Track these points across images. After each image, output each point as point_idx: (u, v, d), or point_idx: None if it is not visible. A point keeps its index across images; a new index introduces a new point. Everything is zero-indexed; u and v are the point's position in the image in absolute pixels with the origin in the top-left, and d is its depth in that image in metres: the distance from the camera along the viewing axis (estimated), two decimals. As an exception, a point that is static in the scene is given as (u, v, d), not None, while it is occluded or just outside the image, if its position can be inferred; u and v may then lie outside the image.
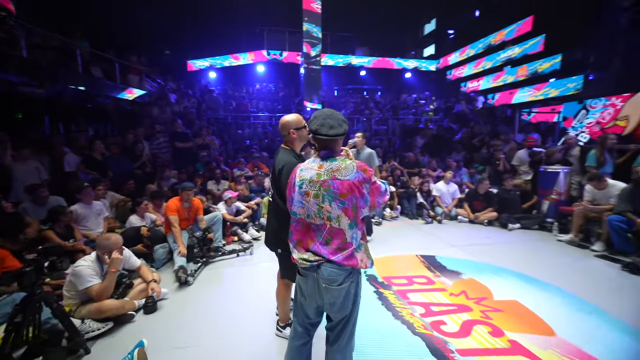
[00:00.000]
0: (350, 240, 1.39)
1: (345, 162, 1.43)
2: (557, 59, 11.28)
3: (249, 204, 4.95)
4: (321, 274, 1.40)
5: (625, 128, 5.90)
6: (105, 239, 2.56)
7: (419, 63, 18.62)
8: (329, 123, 1.44)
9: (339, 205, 1.37)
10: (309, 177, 1.46)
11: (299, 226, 1.50)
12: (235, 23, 14.80)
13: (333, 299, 1.41)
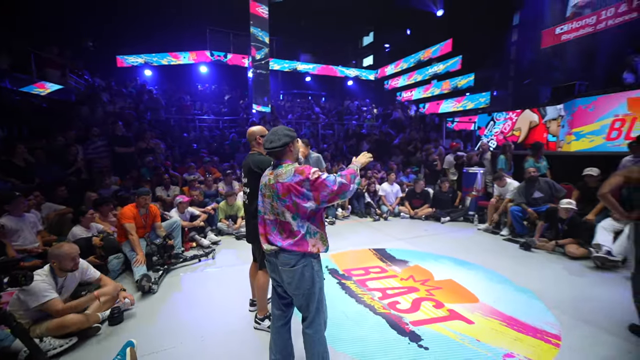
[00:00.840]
0: (297, 228, 1.64)
1: (288, 167, 1.67)
2: (471, 77, 13.30)
3: (205, 209, 4.88)
4: (279, 259, 1.70)
5: (519, 137, 7.40)
6: (58, 248, 2.40)
7: (360, 72, 19.95)
8: (270, 138, 1.69)
9: (282, 203, 1.64)
10: (265, 182, 1.75)
11: (262, 222, 1.78)
12: (175, 19, 13.92)
13: (289, 279, 1.69)
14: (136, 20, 13.51)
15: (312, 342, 1.74)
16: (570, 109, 6.39)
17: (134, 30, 13.67)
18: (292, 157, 1.74)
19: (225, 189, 5.79)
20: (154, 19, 13.46)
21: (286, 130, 1.72)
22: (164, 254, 3.56)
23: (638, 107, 5.12)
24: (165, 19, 13.76)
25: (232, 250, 4.40)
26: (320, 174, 1.63)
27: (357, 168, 1.74)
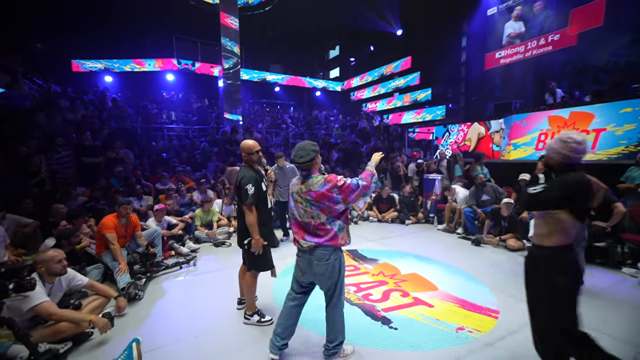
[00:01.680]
0: (330, 227, 2.00)
1: (317, 178, 2.00)
2: (429, 91, 14.54)
3: (183, 218, 4.95)
4: (314, 255, 2.03)
5: (470, 147, 8.37)
6: (44, 253, 2.46)
7: (327, 83, 20.72)
8: (300, 154, 2.02)
9: (317, 207, 1.99)
10: (295, 190, 2.09)
11: (295, 223, 2.12)
12: (141, 26, 13.55)
13: (323, 271, 2.03)
14: (95, 23, 12.96)
15: (335, 319, 2.14)
16: (508, 123, 7.43)
17: (93, 33, 13.09)
18: (317, 168, 2.09)
19: (199, 198, 5.87)
20: (118, 23, 13.01)
21: (312, 146, 2.04)
22: (147, 262, 3.62)
23: (556, 124, 6.18)
24: (128, 24, 13.35)
25: (211, 256, 4.53)
26: (345, 180, 1.97)
27: (372, 168, 2.10)
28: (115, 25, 13.27)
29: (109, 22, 13.28)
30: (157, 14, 13.73)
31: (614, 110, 5.42)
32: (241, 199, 2.50)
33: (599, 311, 2.86)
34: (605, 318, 2.73)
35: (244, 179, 2.46)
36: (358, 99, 19.44)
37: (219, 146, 8.56)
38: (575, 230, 1.71)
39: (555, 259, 1.73)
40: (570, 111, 6.17)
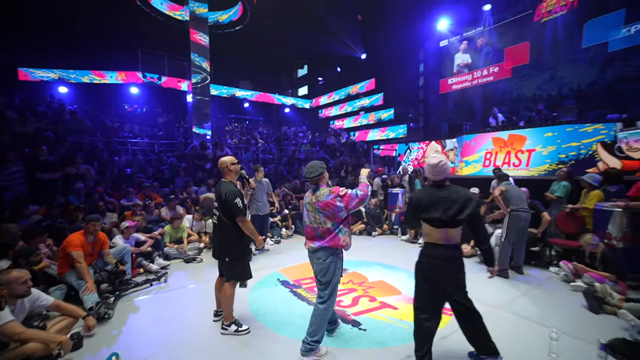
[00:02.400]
0: (333, 230, 2.35)
1: (324, 190, 2.40)
2: (392, 111, 15.59)
3: (152, 235, 4.85)
4: (315, 255, 2.43)
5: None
6: (6, 274, 2.37)
7: (296, 101, 21.28)
8: (310, 171, 2.44)
9: (324, 215, 2.36)
10: (308, 201, 2.50)
11: (308, 229, 2.51)
12: (102, 37, 13.08)
13: (319, 269, 2.43)
14: (48, 30, 12.27)
15: (319, 316, 2.41)
16: (460, 142, 8.30)
17: (45, 41, 12.35)
18: (325, 182, 2.48)
19: (168, 214, 5.77)
20: (77, 32, 12.45)
21: (319, 164, 2.47)
22: (115, 280, 3.54)
23: (498, 144, 7.09)
24: (89, 34, 12.84)
25: (182, 272, 4.49)
26: (347, 190, 2.37)
27: (366, 180, 2.50)
28: (74, 34, 12.69)
29: (66, 30, 12.66)
30: (122, 26, 13.39)
31: (540, 134, 6.39)
32: (230, 213, 2.65)
33: (535, 302, 3.37)
34: (539, 307, 3.23)
35: (230, 194, 2.63)
36: (326, 116, 20.17)
37: (187, 161, 8.45)
38: None
39: None
40: (508, 133, 7.12)
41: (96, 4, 12.25)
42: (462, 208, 2.07)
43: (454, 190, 2.15)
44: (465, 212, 2.07)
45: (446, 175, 2.18)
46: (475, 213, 2.11)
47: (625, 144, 5.48)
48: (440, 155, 2.23)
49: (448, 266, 2.15)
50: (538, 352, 2.47)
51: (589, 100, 8.62)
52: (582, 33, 8.69)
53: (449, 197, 2.11)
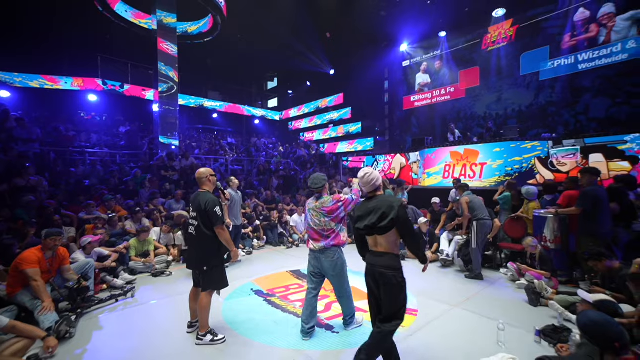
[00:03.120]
0: (336, 229, 2.86)
1: (327, 197, 2.90)
2: (359, 125, 16.29)
3: (116, 249, 4.64)
4: (324, 254, 2.88)
5: (394, 175, 9.69)
6: None
7: (266, 112, 21.37)
8: (315, 182, 2.91)
9: (329, 218, 2.85)
10: (312, 207, 2.94)
11: (311, 231, 2.94)
12: (55, 39, 12.30)
13: (330, 266, 2.89)
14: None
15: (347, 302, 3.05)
16: (423, 156, 8.95)
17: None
18: (326, 191, 2.96)
19: (134, 227, 5.55)
20: (24, 33, 11.57)
21: (322, 177, 2.95)
22: (77, 297, 3.36)
23: (455, 158, 7.79)
24: (40, 36, 12.01)
25: (150, 286, 4.33)
26: (345, 196, 2.91)
27: (357, 187, 2.87)
28: (19, 32, 11.77)
29: (7, 27, 11.70)
30: (79, 30, 12.72)
31: (490, 149, 7.16)
32: (210, 222, 2.73)
33: (487, 300, 3.78)
34: (489, 304, 3.63)
35: (210, 203, 2.70)
36: (296, 128, 20.47)
37: (153, 172, 8.14)
38: None
39: None
40: (464, 148, 7.85)
41: (49, 3, 11.54)
42: (385, 215, 2.12)
43: (381, 199, 2.23)
44: (388, 218, 2.10)
45: (374, 187, 2.28)
46: (400, 219, 2.10)
47: (555, 159, 6.35)
48: (367, 169, 2.34)
49: (378, 273, 2.17)
50: (488, 342, 2.81)
51: (528, 120, 9.86)
52: (519, 62, 10.01)
53: (376, 206, 2.19)
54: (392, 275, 2.12)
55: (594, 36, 8.62)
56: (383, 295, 2.16)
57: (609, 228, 3.77)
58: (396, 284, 2.13)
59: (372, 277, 2.25)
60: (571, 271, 4.34)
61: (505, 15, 10.54)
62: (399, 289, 2.14)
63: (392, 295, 2.14)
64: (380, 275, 2.16)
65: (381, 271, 2.16)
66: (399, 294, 2.15)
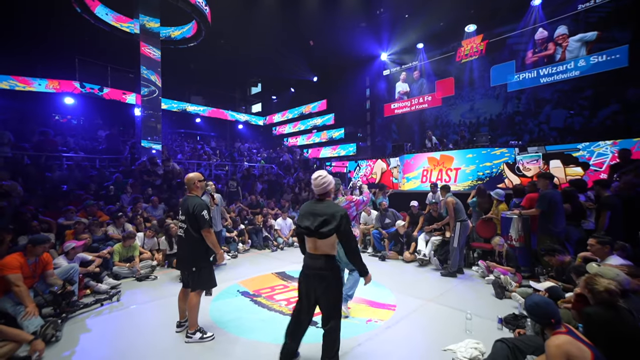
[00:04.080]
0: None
1: (341, 199, 3.36)
2: (342, 130, 16.66)
3: (100, 254, 4.62)
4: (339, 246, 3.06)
5: (375, 179, 10.05)
6: None
7: (249, 117, 21.38)
8: None
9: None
10: None
11: None
12: (29, 39, 11.89)
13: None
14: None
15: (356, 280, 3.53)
16: (402, 161, 9.36)
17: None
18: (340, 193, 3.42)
19: (116, 232, 5.52)
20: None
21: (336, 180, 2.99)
22: (62, 302, 3.37)
23: (432, 163, 8.23)
24: (12, 35, 11.59)
25: (136, 290, 4.36)
26: (357, 197, 3.39)
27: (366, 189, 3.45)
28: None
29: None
30: (55, 30, 12.37)
31: (464, 155, 7.65)
32: (197, 225, 2.85)
33: (458, 294, 4.10)
34: (460, 297, 3.96)
35: (197, 207, 2.84)
36: (280, 133, 20.61)
37: (135, 177, 8.05)
38: None
39: None
40: (440, 154, 8.32)
41: (22, 2, 11.19)
42: (326, 222, 2.17)
43: (327, 205, 2.26)
44: (329, 227, 2.16)
45: (324, 191, 2.31)
46: (341, 229, 2.17)
47: (521, 164, 6.89)
48: (321, 172, 2.37)
49: (316, 275, 2.22)
50: (458, 330, 3.10)
51: (498, 128, 10.57)
52: (490, 74, 10.74)
53: (321, 211, 2.23)
54: (329, 275, 2.22)
55: (552, 54, 9.48)
56: (321, 295, 2.22)
57: (563, 227, 4.20)
58: (333, 283, 2.23)
59: (307, 279, 2.28)
60: (533, 267, 4.75)
61: (476, 30, 11.29)
62: (336, 288, 2.27)
63: (329, 295, 2.22)
64: (317, 277, 2.22)
65: (319, 273, 2.22)
66: (336, 293, 2.27)
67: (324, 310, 2.28)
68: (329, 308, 2.26)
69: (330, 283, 2.23)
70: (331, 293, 2.24)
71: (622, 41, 8.10)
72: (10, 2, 11.17)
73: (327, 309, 2.27)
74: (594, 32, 8.59)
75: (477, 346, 2.68)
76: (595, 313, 1.98)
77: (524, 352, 2.22)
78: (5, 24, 11.72)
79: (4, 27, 11.69)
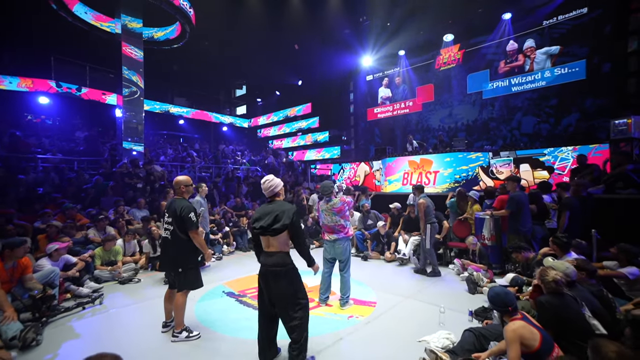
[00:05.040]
0: (345, 225, 3.73)
1: (336, 199, 3.69)
2: (327, 134, 16.89)
3: (82, 257, 4.56)
4: (336, 243, 3.72)
5: (359, 182, 10.30)
6: None
7: (234, 119, 21.25)
8: (324, 189, 3.75)
9: (340, 216, 3.67)
10: (324, 208, 3.75)
11: (325, 227, 3.81)
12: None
13: (340, 251, 3.74)
14: None
15: (346, 280, 3.85)
16: (384, 164, 9.65)
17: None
18: (334, 195, 3.74)
19: (97, 235, 5.43)
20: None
21: (330, 184, 3.79)
22: (42, 306, 3.33)
23: (413, 166, 8.57)
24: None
25: (119, 293, 4.33)
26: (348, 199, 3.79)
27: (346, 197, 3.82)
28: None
29: None
30: (30, 27, 11.92)
31: (442, 159, 8.01)
32: (185, 226, 2.92)
33: (435, 291, 4.35)
34: (437, 293, 4.20)
35: (185, 209, 2.91)
36: (265, 135, 20.61)
37: (116, 180, 7.90)
38: None
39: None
40: (420, 157, 8.66)
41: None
42: (278, 218, 2.34)
43: (278, 205, 2.46)
44: (281, 222, 2.34)
45: (273, 193, 2.52)
46: (294, 224, 2.38)
47: (495, 168, 7.31)
48: (269, 177, 2.57)
49: (271, 272, 2.37)
50: (432, 323, 3.31)
51: (474, 133, 11.11)
52: (467, 82, 11.29)
53: (272, 210, 2.41)
54: (282, 270, 2.36)
55: (521, 65, 10.16)
56: (275, 290, 2.35)
57: (529, 226, 4.55)
58: (286, 277, 2.36)
59: (263, 276, 2.43)
60: (504, 264, 5.09)
61: (454, 40, 11.85)
62: (289, 281, 2.38)
63: (281, 288, 2.35)
64: (271, 273, 2.37)
65: (272, 269, 2.37)
66: (289, 285, 2.38)
67: (281, 305, 2.37)
68: (287, 302, 2.36)
69: (284, 278, 2.36)
70: (285, 288, 2.36)
71: (581, 56, 8.93)
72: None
73: (284, 304, 2.36)
74: (557, 47, 9.36)
75: (448, 336, 2.89)
76: (547, 300, 2.24)
77: (488, 339, 2.45)
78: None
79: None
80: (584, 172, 5.17)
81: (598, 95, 8.65)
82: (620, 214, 4.48)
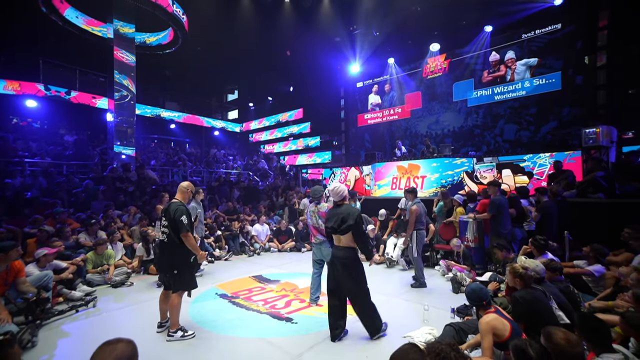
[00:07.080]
0: None
1: (324, 204, 3.87)
2: (318, 139, 17.12)
3: (74, 261, 4.58)
4: (322, 245, 3.81)
5: (350, 186, 10.51)
6: None
7: (226, 124, 21.29)
8: (314, 193, 3.98)
9: (322, 220, 3.74)
10: (312, 210, 3.90)
11: (313, 228, 3.89)
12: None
13: (327, 253, 3.58)
14: None
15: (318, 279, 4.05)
16: (374, 169, 9.90)
17: None
18: (323, 200, 3.96)
19: (88, 240, 5.44)
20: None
21: (320, 188, 3.99)
22: (37, 309, 3.37)
23: (401, 171, 8.84)
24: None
25: (112, 296, 4.37)
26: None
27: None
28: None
29: None
30: (18, 30, 11.79)
31: (429, 164, 8.30)
32: (177, 229, 3.02)
33: (420, 291, 4.55)
34: (422, 293, 4.40)
35: (178, 212, 3.04)
36: (257, 140, 20.70)
37: (106, 184, 7.88)
38: None
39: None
40: (408, 163, 8.93)
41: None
42: (344, 220, 2.90)
43: (345, 208, 3.00)
44: (347, 224, 2.88)
45: (341, 197, 3.06)
46: (355, 225, 2.87)
47: (479, 173, 7.63)
48: (336, 183, 3.15)
49: (341, 263, 2.97)
50: (416, 320, 3.51)
51: (460, 139, 11.52)
52: (452, 90, 11.73)
53: (341, 213, 2.96)
54: (347, 262, 2.96)
55: (503, 74, 10.69)
56: (344, 277, 2.95)
57: (510, 228, 4.82)
58: (353, 267, 2.96)
59: (332, 265, 3.04)
60: (486, 265, 5.33)
61: (440, 49, 12.31)
62: (357, 271, 2.98)
63: (351, 276, 2.95)
64: (341, 264, 2.96)
65: (342, 261, 2.96)
66: (357, 274, 2.99)
67: (349, 293, 3.01)
68: (353, 289, 2.99)
69: (350, 267, 2.95)
70: (351, 275, 2.95)
71: (556, 68, 9.59)
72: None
73: (351, 291, 3.00)
74: (536, 59, 9.95)
75: (431, 332, 3.09)
76: (520, 296, 2.46)
77: (467, 332, 2.66)
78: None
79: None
80: (559, 177, 5.49)
81: (573, 105, 9.20)
82: (590, 217, 4.80)
